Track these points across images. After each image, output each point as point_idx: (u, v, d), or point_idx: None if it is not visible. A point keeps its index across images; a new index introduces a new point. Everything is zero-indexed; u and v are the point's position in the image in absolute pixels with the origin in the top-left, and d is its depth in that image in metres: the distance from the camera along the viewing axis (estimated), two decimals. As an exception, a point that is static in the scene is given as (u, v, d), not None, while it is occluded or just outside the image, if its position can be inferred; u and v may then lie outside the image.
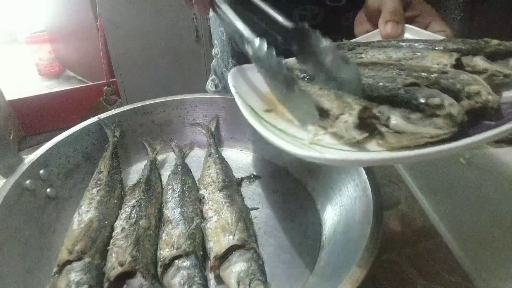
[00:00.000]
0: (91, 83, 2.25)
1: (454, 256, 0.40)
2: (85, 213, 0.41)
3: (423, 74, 0.31)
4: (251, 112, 0.35)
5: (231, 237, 0.37)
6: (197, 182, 0.50)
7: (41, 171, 0.44)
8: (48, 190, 0.44)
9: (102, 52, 1.86)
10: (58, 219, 0.44)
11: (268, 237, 0.42)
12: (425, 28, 0.44)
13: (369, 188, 0.37)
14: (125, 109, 0.56)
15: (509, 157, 0.55)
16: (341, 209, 0.42)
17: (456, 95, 0.28)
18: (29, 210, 0.40)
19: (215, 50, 0.82)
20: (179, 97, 0.58)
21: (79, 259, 0.36)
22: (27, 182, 0.41)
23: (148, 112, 0.57)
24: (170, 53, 1.72)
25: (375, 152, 0.28)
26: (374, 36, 0.46)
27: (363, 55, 0.40)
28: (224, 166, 0.51)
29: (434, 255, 0.40)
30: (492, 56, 0.33)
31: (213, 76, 0.86)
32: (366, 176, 0.38)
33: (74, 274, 0.34)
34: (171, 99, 0.58)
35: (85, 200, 0.43)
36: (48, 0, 2.41)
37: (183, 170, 0.51)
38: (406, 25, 0.44)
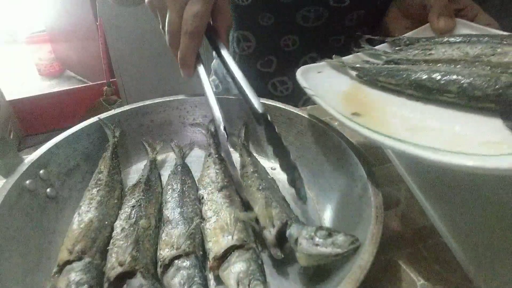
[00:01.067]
0: (91, 83, 2.25)
1: (454, 256, 0.40)
2: (85, 213, 0.41)
3: None
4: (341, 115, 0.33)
5: (230, 237, 0.37)
6: (197, 182, 0.50)
7: (41, 171, 0.44)
8: (48, 190, 0.44)
9: (102, 52, 1.86)
10: (58, 219, 0.44)
11: (268, 237, 0.42)
12: (471, 21, 0.43)
13: (369, 188, 0.37)
14: (125, 109, 0.56)
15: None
16: (341, 209, 0.42)
17: None
18: (29, 210, 0.40)
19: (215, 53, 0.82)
20: (179, 97, 0.58)
21: (79, 259, 0.36)
22: (27, 182, 0.41)
23: (148, 112, 0.57)
24: (170, 53, 1.72)
25: None
26: (425, 31, 0.44)
27: (433, 51, 0.38)
28: (224, 166, 0.51)
29: (434, 255, 0.40)
30: None
31: (214, 77, 0.85)
32: (366, 176, 0.38)
33: (74, 274, 0.34)
34: (171, 99, 0.58)
35: (85, 200, 0.44)
36: (48, 0, 2.41)
37: (183, 170, 0.51)
38: (458, 19, 0.43)
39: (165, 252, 0.37)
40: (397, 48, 0.43)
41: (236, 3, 0.67)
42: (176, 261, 0.36)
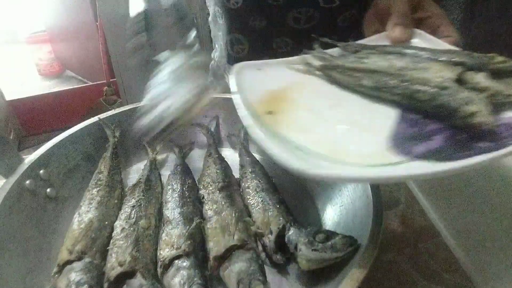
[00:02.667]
0: (91, 83, 2.24)
1: (454, 256, 0.40)
2: (85, 213, 0.41)
3: (423, 88, 0.31)
4: (251, 114, 0.34)
5: (230, 237, 0.37)
6: (197, 182, 0.50)
7: (41, 171, 0.44)
8: (48, 190, 0.44)
9: (102, 52, 1.86)
10: (58, 219, 0.44)
11: (268, 237, 0.42)
12: (434, 31, 0.43)
13: (369, 188, 0.37)
14: (125, 109, 0.56)
15: (510, 158, 0.55)
16: (341, 209, 0.42)
17: (452, 113, 0.28)
18: (29, 210, 0.40)
19: (215, 54, 0.82)
20: (179, 97, 0.58)
21: (79, 259, 0.36)
22: (27, 182, 0.41)
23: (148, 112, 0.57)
24: (170, 53, 1.71)
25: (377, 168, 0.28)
26: (382, 38, 0.45)
27: (365, 60, 0.39)
28: (224, 166, 0.51)
29: (434, 255, 0.40)
30: (498, 73, 0.31)
31: (212, 78, 0.86)
32: (366, 176, 0.38)
33: (74, 274, 0.34)
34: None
35: (85, 200, 0.43)
36: (48, 0, 2.41)
37: (183, 170, 0.51)
38: (415, 30, 0.43)
39: (165, 252, 0.37)
40: (341, 54, 0.44)
41: (227, 6, 0.67)
42: (176, 261, 0.36)
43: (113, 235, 0.40)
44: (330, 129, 0.33)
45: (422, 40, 0.42)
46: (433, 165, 0.25)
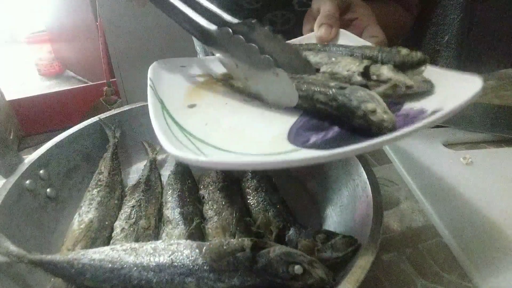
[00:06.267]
0: (91, 83, 2.25)
1: (454, 256, 0.40)
2: (85, 214, 0.41)
3: (322, 89, 0.31)
4: (159, 107, 0.34)
5: (231, 237, 0.37)
6: (197, 182, 0.50)
7: (41, 171, 0.44)
8: (48, 190, 0.44)
9: (102, 52, 1.86)
10: (58, 219, 0.44)
11: (268, 237, 0.42)
12: (361, 31, 0.45)
13: (369, 188, 0.37)
14: (125, 109, 0.56)
15: (509, 157, 0.55)
16: (341, 209, 0.42)
17: (353, 112, 0.28)
18: (29, 210, 0.40)
19: (200, 56, 0.82)
20: (179, 97, 0.58)
21: (79, 259, 0.36)
22: (27, 182, 0.41)
23: (148, 112, 0.57)
24: (170, 53, 1.71)
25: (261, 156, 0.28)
26: (311, 38, 0.46)
27: None
28: (224, 166, 0.51)
29: (434, 255, 0.40)
30: (403, 66, 0.33)
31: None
32: (366, 176, 0.38)
33: (74, 274, 0.34)
34: (171, 99, 0.58)
35: (85, 200, 0.44)
36: (48, 0, 2.41)
37: (183, 170, 0.51)
38: (341, 30, 0.44)
39: (165, 252, 0.37)
40: None
41: None
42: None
43: (113, 235, 0.40)
44: (235, 124, 0.34)
45: (347, 39, 0.43)
46: (319, 152, 0.26)
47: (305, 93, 0.32)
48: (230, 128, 0.33)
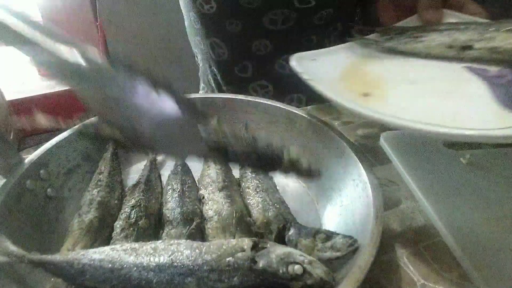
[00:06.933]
0: (91, 83, 2.24)
1: (454, 256, 0.40)
2: (85, 214, 0.41)
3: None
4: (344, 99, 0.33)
5: (231, 237, 0.37)
6: (197, 182, 0.50)
7: (41, 171, 0.44)
8: (48, 190, 0.44)
9: (102, 52, 1.86)
10: (58, 219, 0.44)
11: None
12: (460, 9, 0.44)
13: (369, 188, 0.37)
14: (125, 109, 0.56)
15: (509, 157, 0.55)
16: (341, 209, 0.42)
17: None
18: (29, 210, 0.40)
19: (197, 59, 0.82)
20: (179, 97, 0.58)
21: (79, 259, 0.36)
22: (27, 182, 0.41)
23: (148, 112, 0.57)
24: (170, 53, 1.72)
25: None
26: (411, 22, 0.46)
27: (423, 38, 0.39)
28: (224, 166, 0.51)
29: (434, 255, 0.40)
30: None
31: (203, 85, 0.86)
32: (366, 176, 0.38)
33: (74, 274, 0.34)
34: (171, 99, 0.58)
35: (85, 201, 0.43)
36: (48, 0, 2.40)
37: (183, 170, 0.51)
38: (445, 10, 0.44)
39: (165, 252, 0.37)
40: (387, 37, 0.45)
41: (202, 12, 0.66)
42: (176, 261, 0.36)
43: (113, 235, 0.40)
44: (433, 101, 0.33)
45: (454, 18, 0.43)
46: None
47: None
48: (433, 108, 0.33)
